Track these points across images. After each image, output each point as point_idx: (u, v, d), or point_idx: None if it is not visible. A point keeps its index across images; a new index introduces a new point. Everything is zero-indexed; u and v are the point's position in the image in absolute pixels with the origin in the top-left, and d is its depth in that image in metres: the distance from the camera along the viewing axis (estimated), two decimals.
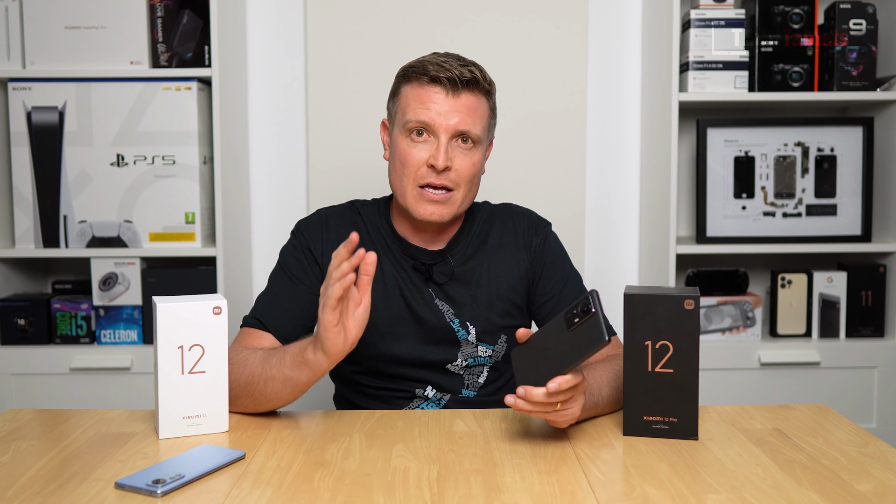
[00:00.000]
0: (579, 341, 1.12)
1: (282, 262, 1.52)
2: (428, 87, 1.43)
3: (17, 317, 2.22)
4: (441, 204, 1.44)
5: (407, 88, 1.46)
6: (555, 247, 1.58)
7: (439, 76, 1.42)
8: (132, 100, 2.18)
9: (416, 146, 1.43)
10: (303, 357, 1.25)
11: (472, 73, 1.43)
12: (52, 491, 1.04)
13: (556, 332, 1.15)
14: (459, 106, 1.42)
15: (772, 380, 2.24)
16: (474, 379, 1.53)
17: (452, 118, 1.42)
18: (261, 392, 1.29)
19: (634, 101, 2.46)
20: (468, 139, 1.44)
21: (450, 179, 1.43)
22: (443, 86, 1.42)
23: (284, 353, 1.29)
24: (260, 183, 2.45)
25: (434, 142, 1.43)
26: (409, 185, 1.44)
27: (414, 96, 1.44)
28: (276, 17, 2.41)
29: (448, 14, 2.36)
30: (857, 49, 2.22)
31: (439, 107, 1.42)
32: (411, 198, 1.45)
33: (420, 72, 1.44)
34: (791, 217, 2.29)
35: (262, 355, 1.32)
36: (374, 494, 1.02)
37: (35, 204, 2.20)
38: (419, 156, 1.43)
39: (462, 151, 1.44)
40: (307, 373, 1.25)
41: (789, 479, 1.07)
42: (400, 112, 1.47)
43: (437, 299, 1.50)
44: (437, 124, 1.42)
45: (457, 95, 1.42)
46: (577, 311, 1.13)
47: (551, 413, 1.17)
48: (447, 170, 1.42)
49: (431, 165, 1.42)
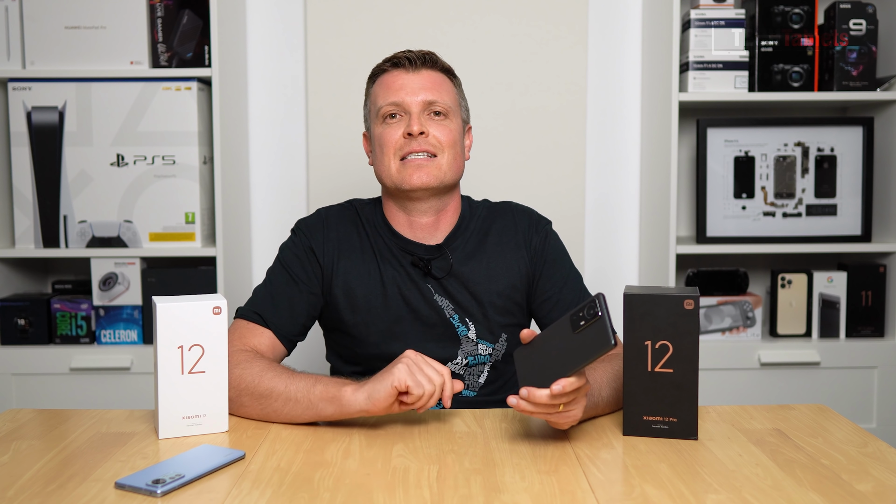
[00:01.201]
0: (585, 344, 1.11)
1: (282, 258, 1.53)
2: (390, 73, 1.51)
3: (17, 317, 2.22)
4: (426, 167, 1.46)
5: (374, 86, 1.55)
6: (555, 245, 1.58)
7: (398, 59, 1.51)
8: (132, 100, 2.18)
9: (390, 127, 1.49)
10: (338, 392, 1.24)
11: (429, 54, 1.52)
12: (52, 491, 1.04)
13: (560, 333, 1.15)
14: (423, 80, 1.49)
15: (772, 380, 2.24)
16: (475, 379, 1.53)
17: (419, 92, 1.48)
18: (276, 409, 1.29)
19: (634, 101, 2.46)
20: (439, 112, 1.49)
21: (430, 144, 1.47)
22: (403, 67, 1.50)
23: (315, 381, 1.28)
24: (260, 183, 2.45)
25: (407, 117, 1.48)
26: (392, 160, 1.48)
27: (380, 86, 1.52)
28: (276, 17, 2.41)
29: (448, 14, 2.36)
30: (857, 49, 2.22)
31: (404, 85, 1.49)
32: (395, 172, 1.47)
33: (382, 66, 1.53)
34: (791, 217, 2.29)
35: (285, 373, 1.30)
36: (374, 494, 1.02)
37: (35, 204, 2.20)
38: (395, 132, 1.48)
39: (436, 122, 1.49)
40: (336, 408, 1.25)
41: (789, 479, 1.07)
42: (373, 108, 1.53)
43: (436, 295, 1.51)
44: (405, 101, 1.48)
45: (417, 72, 1.50)
46: (584, 313, 1.12)
47: (553, 415, 1.17)
48: (424, 135, 1.46)
49: (409, 134, 1.46)
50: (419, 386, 1.20)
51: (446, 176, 1.48)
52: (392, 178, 1.48)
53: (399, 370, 1.21)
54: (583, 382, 1.15)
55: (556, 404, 1.15)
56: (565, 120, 2.40)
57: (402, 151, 1.46)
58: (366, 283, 1.50)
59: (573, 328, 1.13)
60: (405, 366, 1.21)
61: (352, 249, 1.52)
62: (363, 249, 1.53)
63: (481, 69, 2.36)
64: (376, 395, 1.21)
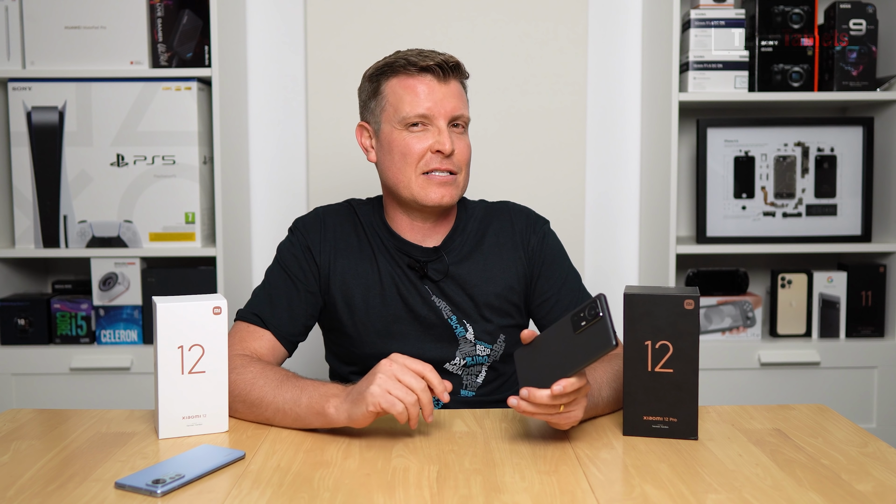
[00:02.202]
0: (586, 344, 1.11)
1: (280, 259, 1.52)
2: (418, 78, 1.44)
3: (17, 317, 2.22)
4: (449, 186, 1.45)
5: (393, 83, 1.46)
6: (553, 245, 1.58)
7: (428, 65, 1.43)
8: (132, 100, 2.18)
9: (415, 136, 1.44)
10: (322, 407, 1.22)
11: (454, 60, 1.46)
12: (52, 491, 1.04)
13: (561, 334, 1.14)
14: (450, 92, 1.45)
15: (772, 380, 2.24)
16: (473, 379, 1.53)
17: (448, 104, 1.44)
18: (266, 417, 1.29)
19: (634, 101, 2.46)
20: (459, 123, 1.47)
21: (453, 163, 1.45)
22: (434, 74, 1.44)
23: (300, 392, 1.26)
24: (260, 183, 2.45)
25: (433, 129, 1.44)
26: (413, 174, 1.44)
27: (405, 89, 1.44)
28: (277, 17, 2.41)
29: (448, 14, 2.36)
30: (857, 49, 2.22)
31: (434, 95, 1.43)
32: (417, 186, 1.44)
33: (404, 64, 1.45)
34: (791, 217, 2.29)
35: (275, 381, 1.29)
36: (374, 494, 1.02)
37: (35, 204, 2.20)
38: (421, 145, 1.44)
39: (458, 136, 1.47)
40: (321, 421, 1.24)
41: (789, 479, 1.07)
42: (389, 109, 1.46)
43: (433, 296, 1.50)
44: (434, 113, 1.43)
45: (447, 82, 1.45)
46: (585, 314, 1.12)
47: (554, 416, 1.17)
48: (452, 153, 1.44)
49: (438, 151, 1.43)
50: (393, 405, 1.16)
51: (462, 192, 1.50)
52: (412, 191, 1.45)
53: (372, 391, 1.17)
54: (583, 383, 1.15)
55: (557, 405, 1.14)
56: (565, 120, 2.40)
57: (427, 167, 1.44)
58: (363, 283, 1.50)
59: (574, 329, 1.13)
60: (378, 386, 1.17)
61: (349, 249, 1.52)
62: (361, 249, 1.52)
63: (481, 69, 2.36)
64: (356, 416, 1.19)
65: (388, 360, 1.20)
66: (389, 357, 1.21)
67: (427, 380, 1.20)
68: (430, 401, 1.19)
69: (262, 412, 1.29)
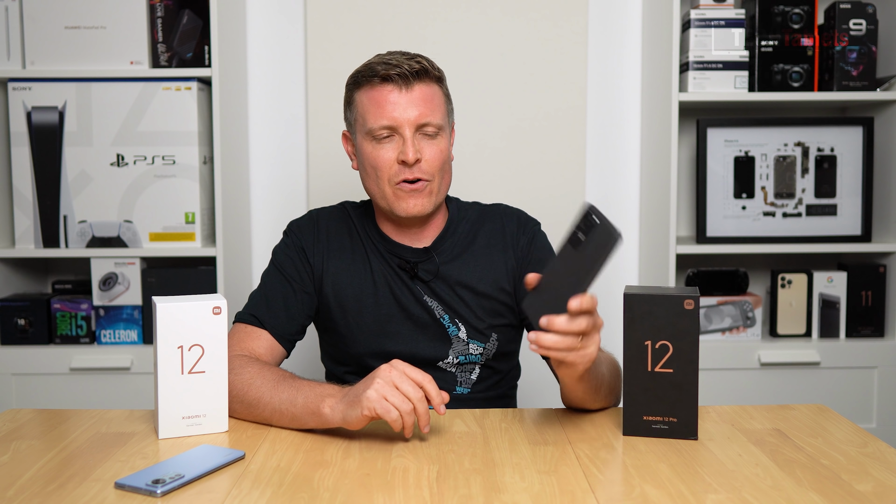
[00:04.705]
0: (592, 253, 1.08)
1: (275, 260, 1.54)
2: (381, 88, 1.43)
3: (17, 317, 2.22)
4: (420, 194, 1.44)
5: (360, 94, 1.46)
6: (542, 246, 1.58)
7: (389, 73, 1.42)
8: (132, 100, 2.18)
9: (382, 147, 1.44)
10: (318, 407, 1.22)
11: (420, 64, 1.44)
12: (51, 491, 1.04)
13: (564, 260, 1.11)
14: (415, 98, 1.43)
15: (772, 380, 2.24)
16: (467, 376, 1.53)
17: (411, 112, 1.42)
18: (264, 417, 1.29)
19: (634, 101, 2.46)
20: (430, 129, 1.45)
21: (422, 171, 1.44)
22: (395, 83, 1.42)
23: (297, 392, 1.26)
24: (260, 183, 2.45)
25: (399, 139, 1.43)
26: (386, 186, 1.45)
27: (370, 101, 1.44)
28: (276, 17, 2.41)
29: (448, 14, 2.36)
30: (857, 49, 2.22)
31: (396, 104, 1.42)
32: (391, 198, 1.45)
33: (369, 74, 1.44)
34: (791, 217, 2.29)
35: (272, 381, 1.29)
36: (374, 494, 1.02)
37: (35, 204, 2.20)
38: (388, 155, 1.44)
39: (428, 142, 1.45)
40: (316, 421, 1.23)
41: (789, 479, 1.07)
42: (360, 120, 1.47)
43: (425, 296, 1.51)
44: (398, 123, 1.42)
45: (410, 89, 1.43)
46: (581, 226, 1.09)
47: (572, 353, 1.14)
48: (418, 162, 1.43)
49: (402, 161, 1.42)
50: (388, 412, 1.15)
51: (439, 198, 1.48)
52: (387, 202, 1.46)
53: (369, 395, 1.16)
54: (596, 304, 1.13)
55: (577, 334, 1.12)
56: (565, 120, 2.40)
57: (396, 178, 1.44)
58: (356, 283, 1.51)
59: (574, 247, 1.09)
60: (375, 390, 1.16)
61: (342, 250, 1.53)
62: (354, 250, 1.53)
63: (481, 69, 2.36)
64: (350, 418, 1.18)
65: (389, 365, 1.20)
66: (390, 363, 1.20)
67: (425, 390, 1.19)
68: (426, 411, 1.18)
69: (260, 412, 1.29)
